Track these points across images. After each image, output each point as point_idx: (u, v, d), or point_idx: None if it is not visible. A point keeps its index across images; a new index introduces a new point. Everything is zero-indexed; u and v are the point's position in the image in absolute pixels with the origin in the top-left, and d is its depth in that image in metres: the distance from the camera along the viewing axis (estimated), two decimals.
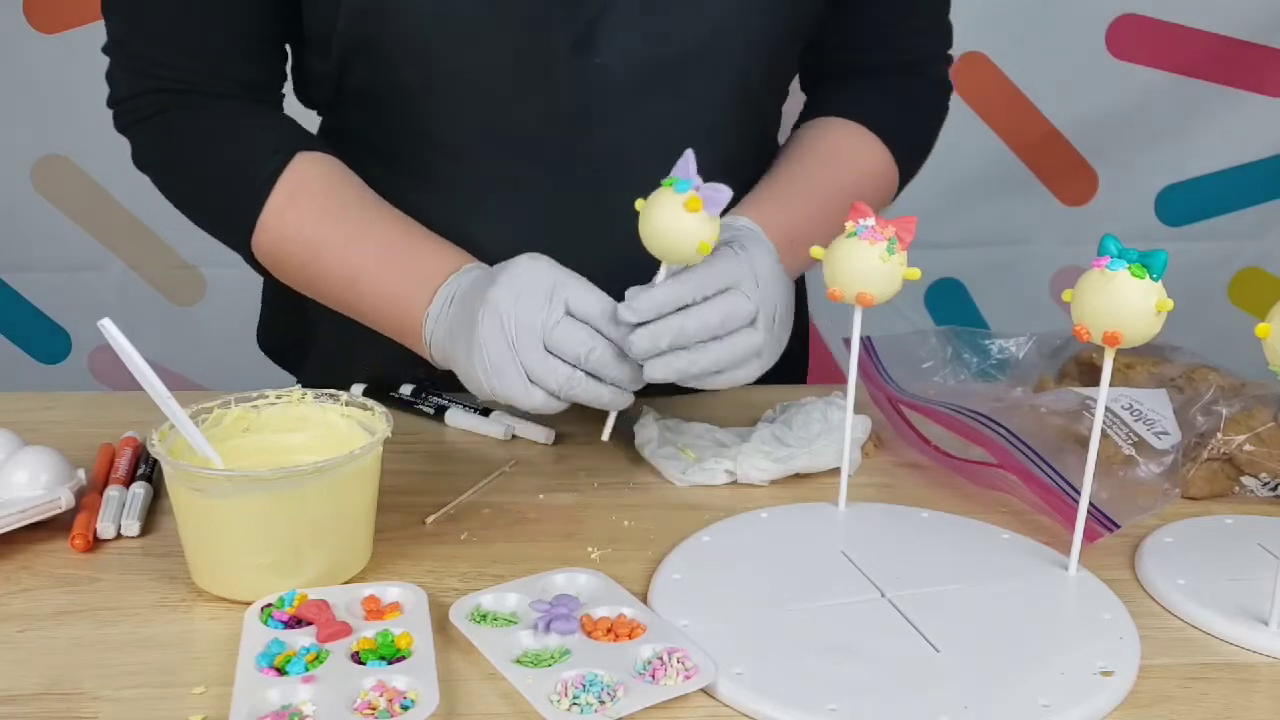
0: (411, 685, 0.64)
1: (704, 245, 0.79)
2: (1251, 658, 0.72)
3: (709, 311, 0.81)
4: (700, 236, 0.79)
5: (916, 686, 0.67)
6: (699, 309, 0.81)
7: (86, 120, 1.86)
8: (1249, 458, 0.90)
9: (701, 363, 0.82)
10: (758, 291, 0.83)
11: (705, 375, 0.83)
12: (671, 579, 0.77)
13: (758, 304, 0.83)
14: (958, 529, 0.85)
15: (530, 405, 0.81)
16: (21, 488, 0.81)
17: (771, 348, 0.85)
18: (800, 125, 1.08)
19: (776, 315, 0.85)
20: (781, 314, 0.86)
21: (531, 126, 0.95)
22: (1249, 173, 2.01)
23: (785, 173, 1.01)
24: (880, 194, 1.05)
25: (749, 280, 0.83)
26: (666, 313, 0.80)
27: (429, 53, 0.92)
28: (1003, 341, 1.06)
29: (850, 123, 1.04)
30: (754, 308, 0.82)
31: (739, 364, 0.83)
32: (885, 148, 1.03)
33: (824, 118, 1.05)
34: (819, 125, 1.05)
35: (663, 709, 0.65)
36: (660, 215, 0.79)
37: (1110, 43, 1.92)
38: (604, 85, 0.93)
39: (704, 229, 0.79)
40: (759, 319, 0.83)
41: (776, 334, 0.86)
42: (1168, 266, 0.70)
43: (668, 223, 0.79)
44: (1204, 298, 2.06)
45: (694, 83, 0.95)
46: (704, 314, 0.81)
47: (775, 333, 0.85)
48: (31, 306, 2.01)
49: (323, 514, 0.75)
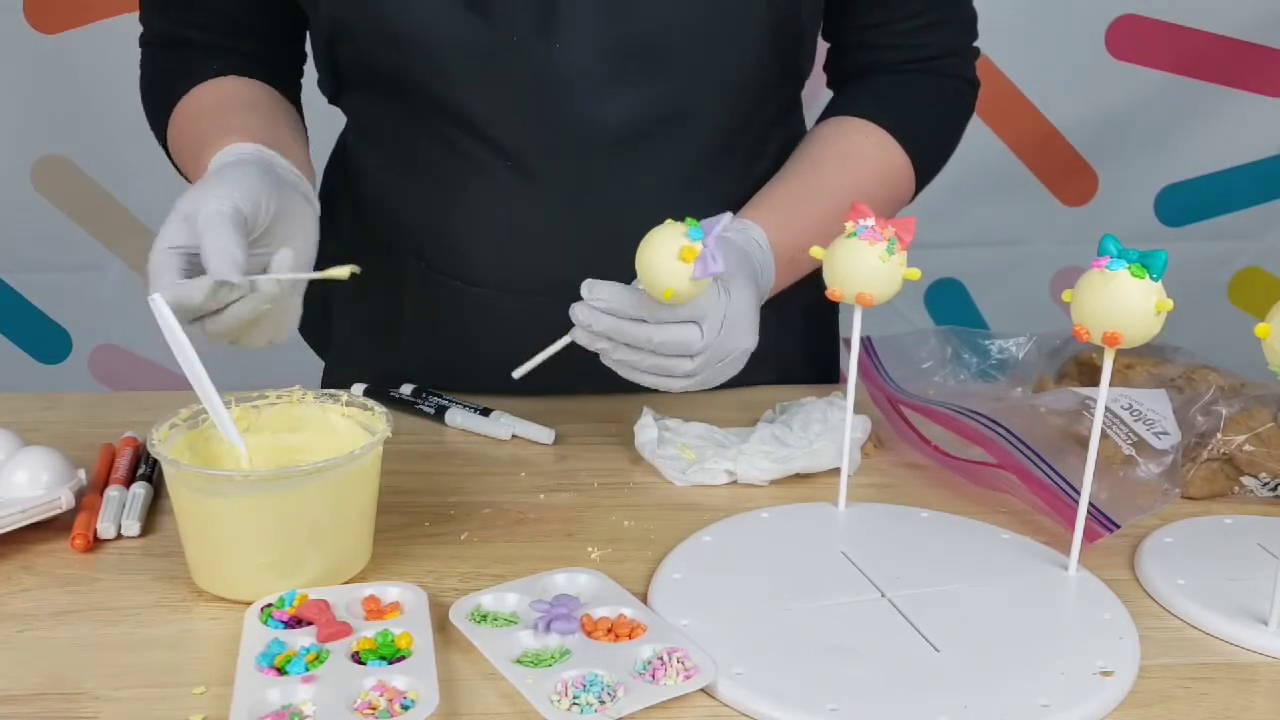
0: (411, 685, 0.64)
1: (669, 293, 0.78)
2: (1251, 658, 0.72)
3: (656, 335, 0.82)
4: (672, 283, 0.78)
5: (916, 686, 0.67)
6: (649, 329, 0.82)
7: (86, 120, 1.87)
8: (1249, 458, 0.90)
9: (625, 356, 0.83)
10: (717, 337, 0.84)
11: (622, 368, 0.85)
12: (671, 579, 0.77)
13: (707, 345, 0.84)
14: (958, 529, 0.85)
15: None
16: (21, 488, 0.81)
17: (703, 379, 0.87)
18: (819, 122, 1.07)
19: (729, 358, 0.86)
20: (736, 358, 0.87)
21: (497, 113, 0.95)
22: (1249, 173, 2.01)
23: (799, 178, 1.00)
24: (895, 198, 1.04)
25: (714, 321, 0.83)
26: (619, 315, 0.81)
27: (396, 38, 0.93)
28: (1003, 341, 1.06)
29: (868, 124, 1.02)
30: (703, 347, 0.83)
31: (661, 375, 0.85)
32: (903, 150, 1.02)
33: (843, 117, 1.04)
34: (836, 126, 1.04)
35: (663, 709, 0.65)
36: (652, 250, 0.79)
37: (1110, 43, 1.92)
38: (565, 72, 0.93)
39: (678, 279, 0.78)
40: (700, 357, 0.84)
41: (715, 372, 0.87)
42: (1168, 266, 0.70)
43: (652, 260, 0.78)
44: (1204, 298, 2.06)
45: (663, 71, 0.94)
46: (649, 334, 0.82)
47: (713, 371, 0.86)
48: (31, 306, 2.01)
49: (323, 514, 0.75)
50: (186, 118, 0.99)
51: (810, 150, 1.02)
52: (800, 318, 1.13)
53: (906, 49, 1.05)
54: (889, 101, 1.04)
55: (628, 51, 0.93)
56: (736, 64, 0.97)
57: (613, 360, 0.85)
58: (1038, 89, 1.95)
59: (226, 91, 1.00)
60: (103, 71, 1.75)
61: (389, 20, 0.92)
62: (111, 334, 2.02)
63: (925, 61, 1.05)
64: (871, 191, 0.99)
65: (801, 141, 1.05)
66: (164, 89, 1.02)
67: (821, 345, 1.20)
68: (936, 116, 1.08)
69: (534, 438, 0.98)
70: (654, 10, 0.92)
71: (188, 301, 0.76)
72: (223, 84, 1.01)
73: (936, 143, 1.08)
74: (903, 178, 1.04)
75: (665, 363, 0.84)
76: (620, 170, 0.96)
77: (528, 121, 0.94)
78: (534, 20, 0.91)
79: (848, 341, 0.84)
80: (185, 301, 0.76)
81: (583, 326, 0.82)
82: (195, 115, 0.98)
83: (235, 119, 0.94)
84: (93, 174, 1.92)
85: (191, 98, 0.99)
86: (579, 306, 0.82)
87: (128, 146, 1.03)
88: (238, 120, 0.93)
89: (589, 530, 0.85)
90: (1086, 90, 1.94)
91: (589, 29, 0.92)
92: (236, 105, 0.98)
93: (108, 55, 1.71)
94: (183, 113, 1.00)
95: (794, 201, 0.97)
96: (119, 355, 2.03)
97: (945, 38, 1.06)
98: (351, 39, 0.95)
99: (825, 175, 0.99)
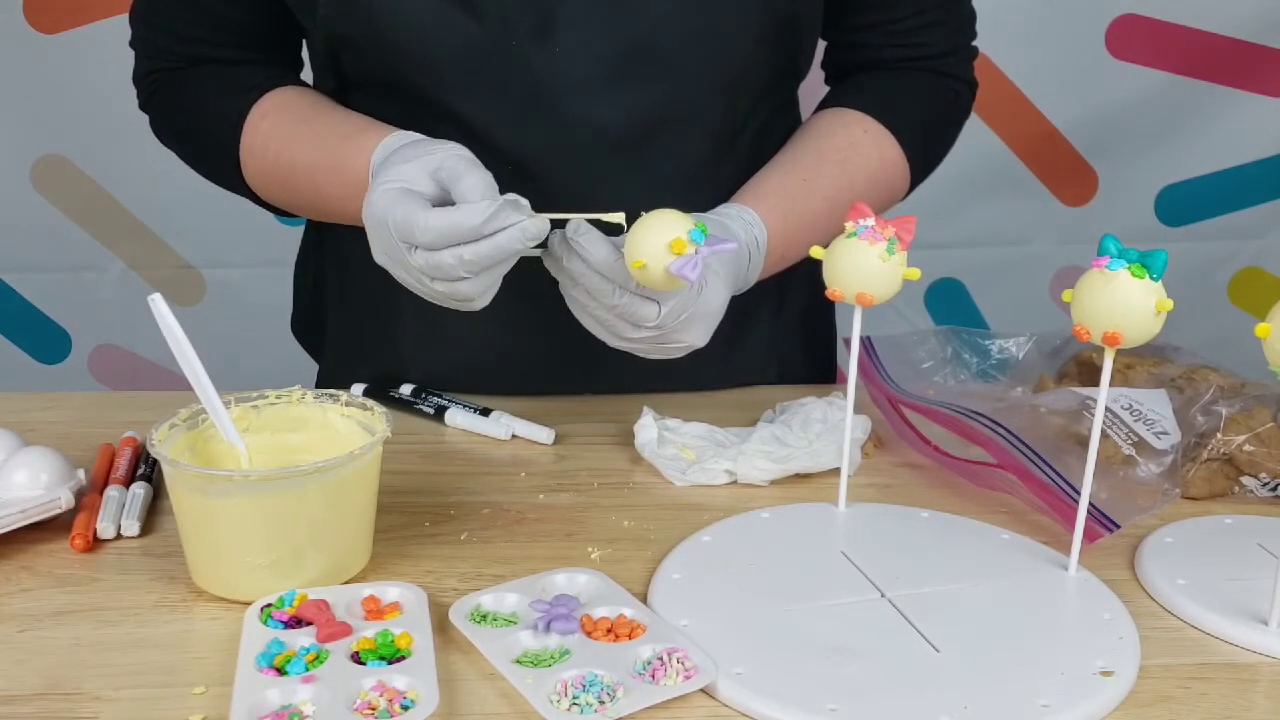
0: (411, 685, 0.64)
1: (639, 264, 0.76)
2: (1251, 658, 0.72)
3: (615, 297, 0.81)
4: (648, 261, 0.76)
5: (916, 686, 0.67)
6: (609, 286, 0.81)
7: (86, 120, 1.87)
8: (1249, 458, 0.90)
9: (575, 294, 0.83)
10: (673, 323, 0.83)
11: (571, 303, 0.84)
12: (671, 579, 0.77)
13: (660, 326, 0.83)
14: (958, 529, 0.85)
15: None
16: (21, 488, 0.81)
17: (644, 349, 0.86)
18: (818, 110, 1.06)
19: (673, 346, 0.86)
20: (677, 349, 0.87)
21: (496, 118, 0.95)
22: (1249, 173, 2.01)
23: (798, 171, 0.99)
24: (889, 196, 1.04)
25: (675, 310, 0.82)
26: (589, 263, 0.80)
27: (395, 46, 0.93)
28: (1003, 341, 1.06)
29: (866, 117, 1.02)
30: (655, 325, 0.83)
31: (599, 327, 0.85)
32: (899, 147, 1.02)
33: (842, 109, 1.04)
34: (836, 118, 1.03)
35: (663, 709, 0.65)
36: (653, 223, 0.77)
37: (1110, 43, 1.92)
38: (564, 75, 0.93)
39: (657, 262, 0.76)
40: (649, 332, 0.83)
41: (658, 349, 0.86)
42: (1168, 266, 0.70)
43: (649, 229, 0.77)
44: (1204, 298, 2.06)
45: (662, 73, 0.94)
46: (609, 291, 0.81)
47: (657, 349, 0.86)
48: (32, 306, 2.01)
49: (323, 514, 0.75)
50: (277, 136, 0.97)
51: (810, 142, 1.02)
52: (799, 317, 1.13)
53: (905, 48, 1.05)
54: (887, 97, 1.04)
55: (626, 54, 0.93)
56: (735, 65, 0.97)
57: (566, 294, 0.84)
58: (1038, 89, 1.95)
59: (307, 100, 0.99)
60: (103, 71, 1.74)
61: (386, 29, 0.92)
62: (111, 334, 2.02)
63: (924, 60, 1.05)
64: (865, 191, 0.99)
65: (799, 129, 1.04)
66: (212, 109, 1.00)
67: (820, 345, 1.20)
68: (934, 115, 1.08)
69: (534, 438, 0.98)
70: (652, 13, 0.92)
71: (463, 223, 0.76)
72: (288, 93, 0.99)
73: (933, 141, 1.08)
74: (897, 174, 1.04)
75: (612, 321, 0.83)
76: (620, 172, 0.96)
77: (527, 125, 0.94)
78: (532, 25, 0.91)
79: (848, 341, 0.84)
80: (460, 224, 0.76)
81: (555, 257, 0.82)
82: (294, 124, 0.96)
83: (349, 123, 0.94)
84: (93, 174, 1.92)
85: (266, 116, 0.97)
86: (559, 234, 0.81)
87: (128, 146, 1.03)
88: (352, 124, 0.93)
89: (589, 530, 0.85)
90: (1086, 90, 1.94)
91: (587, 33, 0.92)
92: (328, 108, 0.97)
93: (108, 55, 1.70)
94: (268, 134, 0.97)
95: (793, 199, 0.97)
96: (119, 355, 2.03)
97: (944, 37, 1.06)
98: (349, 47, 0.95)
99: (825, 171, 0.99)
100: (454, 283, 0.79)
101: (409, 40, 0.92)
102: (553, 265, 0.83)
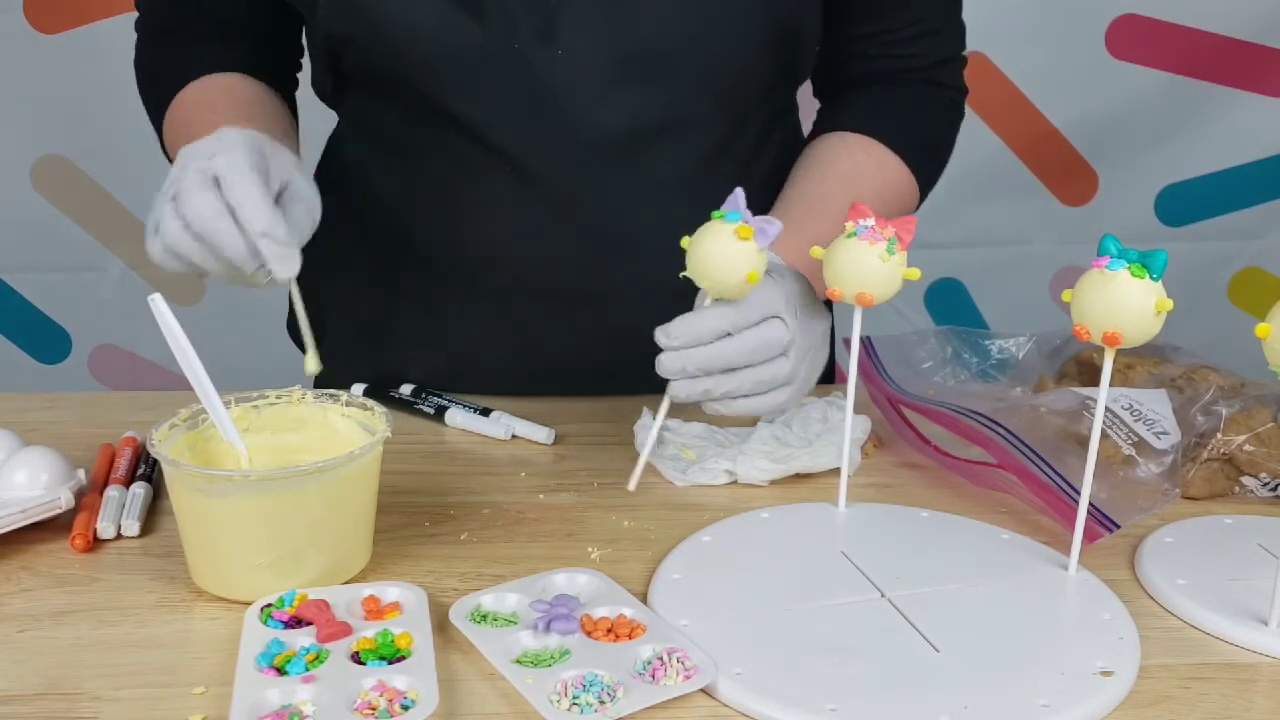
0: (411, 685, 0.64)
1: (752, 275, 0.78)
2: (1251, 658, 0.72)
3: (744, 340, 0.81)
4: (749, 267, 0.78)
5: (916, 686, 0.67)
6: (736, 341, 0.81)
7: (86, 120, 1.87)
8: (1249, 458, 0.90)
9: (726, 385, 0.81)
10: (795, 321, 0.83)
11: (731, 399, 0.82)
12: (671, 579, 0.77)
13: (794, 334, 0.82)
14: (958, 529, 0.85)
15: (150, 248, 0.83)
16: (21, 488, 0.81)
17: (805, 375, 0.85)
18: (815, 136, 1.05)
19: (812, 344, 0.85)
20: (817, 342, 0.86)
21: (498, 119, 0.95)
22: (1249, 173, 2.01)
23: (804, 197, 0.99)
24: (901, 212, 1.04)
25: (788, 309, 0.83)
26: (704, 341, 0.80)
27: (396, 46, 0.93)
28: (1003, 341, 1.06)
29: (867, 139, 1.01)
30: (790, 337, 0.82)
31: (765, 390, 0.83)
32: (904, 164, 1.02)
33: (843, 133, 1.03)
34: (836, 142, 1.03)
35: (663, 709, 0.65)
36: (711, 243, 0.78)
37: (1110, 43, 1.93)
38: (566, 78, 0.93)
39: (753, 259, 0.78)
40: (792, 349, 0.83)
41: (811, 362, 0.85)
42: (1168, 266, 0.70)
43: (718, 251, 0.78)
44: (1204, 298, 2.06)
45: (664, 77, 0.94)
46: (739, 344, 0.80)
47: (810, 361, 0.85)
48: (31, 306, 2.01)
49: (323, 514, 0.75)
50: (182, 109, 1.00)
51: (814, 170, 1.01)
52: None
53: (902, 58, 1.04)
54: (888, 115, 1.04)
55: (628, 57, 0.93)
56: (737, 69, 0.97)
57: (717, 399, 0.82)
58: (1038, 89, 1.95)
59: (223, 85, 1.01)
60: (103, 71, 1.74)
61: (388, 30, 0.92)
62: (111, 334, 2.02)
63: (920, 71, 1.05)
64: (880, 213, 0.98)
65: (801, 157, 1.03)
66: (161, 78, 1.04)
67: None
68: (935, 127, 1.08)
69: (533, 438, 0.98)
70: (654, 16, 0.92)
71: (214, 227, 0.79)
72: (219, 79, 1.02)
73: (936, 153, 1.08)
74: (905, 193, 1.03)
75: (761, 373, 0.82)
76: (621, 175, 0.96)
77: (529, 127, 0.94)
78: (534, 27, 0.91)
79: (848, 341, 0.84)
80: (208, 222, 0.79)
81: (676, 374, 0.81)
82: (193, 106, 0.99)
83: (230, 112, 0.94)
84: (93, 174, 1.92)
85: (190, 90, 1.01)
86: (665, 357, 0.80)
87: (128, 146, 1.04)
88: (231, 114, 0.93)
89: (589, 530, 0.85)
90: (1086, 90, 1.94)
91: (589, 35, 0.92)
92: (231, 100, 0.99)
93: (108, 55, 1.71)
94: (180, 105, 1.01)
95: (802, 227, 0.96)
96: (119, 355, 2.03)
97: (939, 46, 1.06)
98: (350, 46, 0.95)
99: (830, 199, 0.98)
100: (155, 236, 0.82)
101: (410, 41, 0.92)
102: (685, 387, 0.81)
